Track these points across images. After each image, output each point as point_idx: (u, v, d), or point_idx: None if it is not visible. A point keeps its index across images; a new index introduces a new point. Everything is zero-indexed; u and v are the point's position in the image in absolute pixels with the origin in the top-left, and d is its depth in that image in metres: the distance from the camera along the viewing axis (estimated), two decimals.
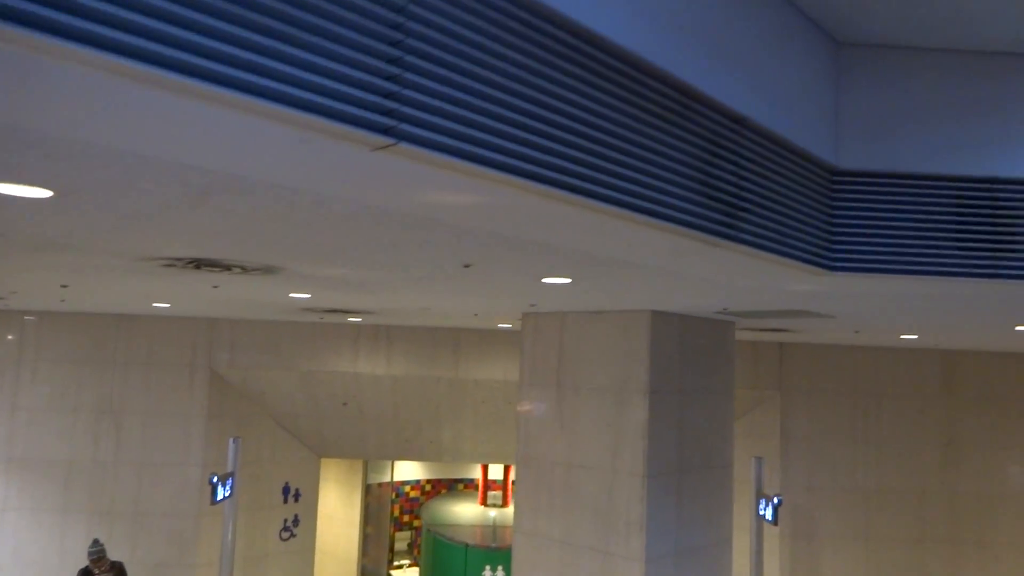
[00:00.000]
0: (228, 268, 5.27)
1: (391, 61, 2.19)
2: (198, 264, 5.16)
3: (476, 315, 9.38)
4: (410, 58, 2.22)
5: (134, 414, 11.98)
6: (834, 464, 12.22)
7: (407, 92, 2.21)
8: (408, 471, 16.33)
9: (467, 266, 4.69)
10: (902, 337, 9.70)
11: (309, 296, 7.45)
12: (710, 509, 7.91)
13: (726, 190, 3.60)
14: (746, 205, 3.73)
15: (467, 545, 12.54)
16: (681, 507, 7.55)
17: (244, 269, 5.30)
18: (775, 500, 10.41)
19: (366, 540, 15.29)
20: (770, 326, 8.79)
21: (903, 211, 4.49)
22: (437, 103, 2.28)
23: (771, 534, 11.86)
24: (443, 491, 16.65)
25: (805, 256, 4.25)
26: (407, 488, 16.26)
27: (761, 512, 10.62)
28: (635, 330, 7.41)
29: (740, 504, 12.05)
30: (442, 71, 2.29)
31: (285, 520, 12.96)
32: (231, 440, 10.22)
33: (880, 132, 4.54)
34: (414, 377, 12.14)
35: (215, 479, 10.01)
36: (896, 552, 12.12)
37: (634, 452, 7.32)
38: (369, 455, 13.61)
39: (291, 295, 7.36)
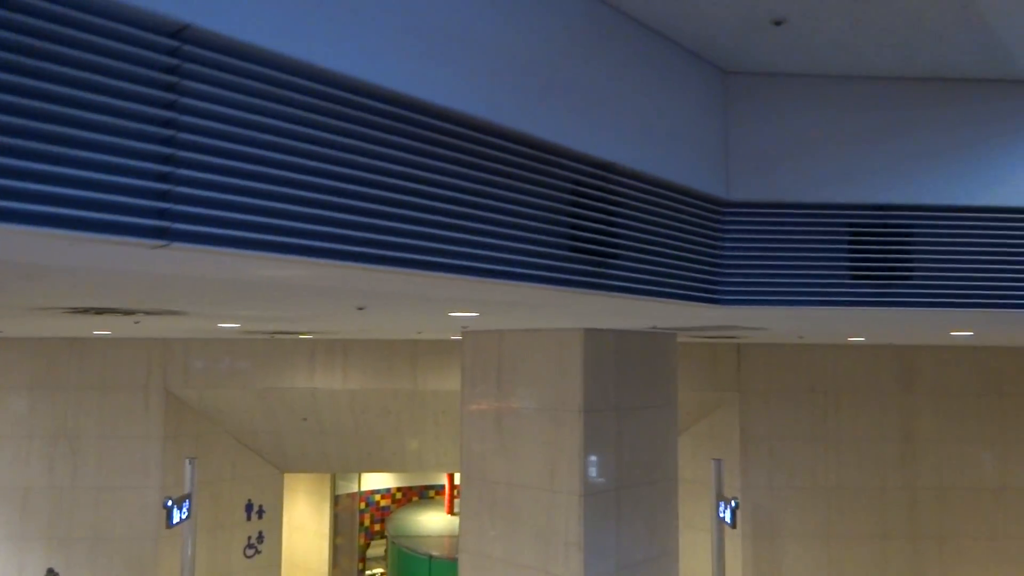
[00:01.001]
0: (130, 313, 5.21)
1: (163, 160, 2.13)
2: (98, 311, 5.09)
3: (419, 332, 9.33)
4: (184, 153, 2.16)
5: (90, 438, 11.90)
6: (794, 463, 12.25)
7: (180, 189, 2.15)
8: (378, 480, 16.30)
9: (361, 308, 4.64)
10: (850, 339, 9.71)
11: (238, 325, 7.38)
12: (653, 523, 7.90)
13: (593, 239, 3.56)
14: (616, 251, 3.69)
15: (431, 556, 12.53)
16: (621, 524, 7.54)
17: (147, 313, 5.24)
18: (732, 503, 10.43)
19: (336, 550, 15.27)
20: (715, 334, 8.77)
21: (796, 241, 4.46)
22: (215, 195, 2.21)
23: (733, 534, 11.88)
24: (414, 498, 16.64)
25: (689, 293, 4.22)
26: (377, 497, 16.24)
27: (720, 515, 10.64)
28: (569, 349, 7.37)
29: (702, 506, 12.09)
30: (219, 161, 2.22)
31: (249, 537, 12.90)
32: (187, 461, 10.17)
33: (771, 162, 4.50)
34: (372, 391, 12.09)
35: (170, 503, 9.95)
36: (857, 549, 12.17)
37: (571, 471, 7.30)
38: (333, 468, 13.57)
39: (219, 325, 7.30)
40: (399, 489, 16.58)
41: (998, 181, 4.45)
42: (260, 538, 12.98)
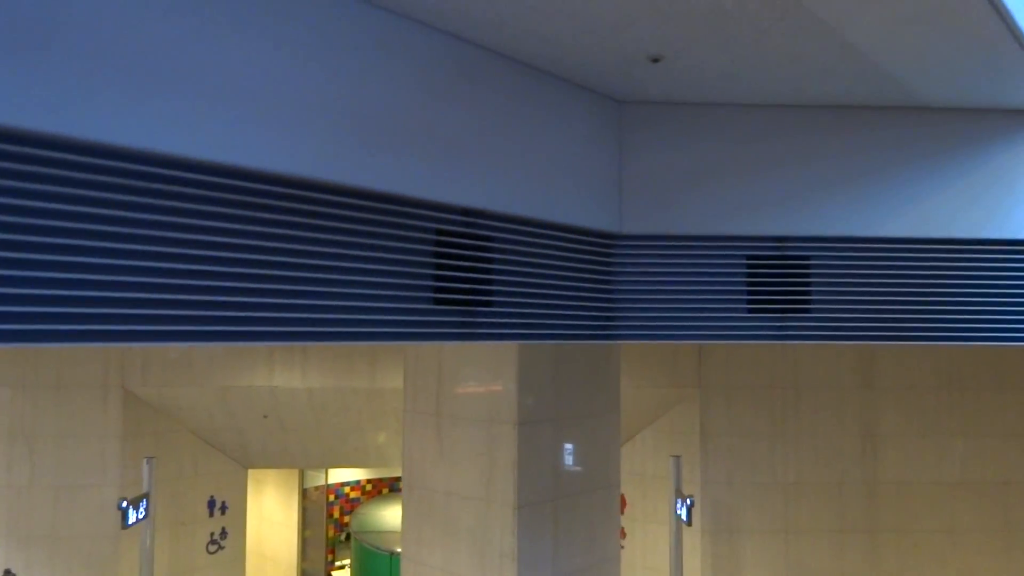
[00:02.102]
0: None
1: None
2: None
3: None
4: None
5: (47, 437, 11.88)
6: (754, 459, 12.28)
7: None
8: (347, 472, 16.34)
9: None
10: None
11: None
12: (592, 532, 7.92)
13: (459, 289, 3.49)
14: (489, 298, 3.63)
15: (392, 553, 12.59)
16: (559, 534, 7.55)
17: None
18: (688, 501, 10.47)
19: (305, 543, 15.35)
20: None
21: (692, 274, 4.40)
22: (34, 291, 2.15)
23: (692, 530, 11.95)
24: (384, 491, 16.70)
25: (578, 332, 4.16)
26: (347, 489, 16.29)
27: (678, 511, 10.69)
28: (504, 360, 7.33)
29: (664, 501, 12.13)
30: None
31: (212, 533, 12.96)
32: (145, 461, 10.19)
33: (667, 193, 4.42)
34: (331, 389, 12.07)
35: (124, 503, 9.96)
36: (816, 544, 12.25)
37: (505, 482, 7.30)
38: (296, 464, 13.59)
39: None
40: (369, 481, 16.63)
41: (894, 212, 4.38)
42: (223, 534, 13.03)
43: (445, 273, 3.43)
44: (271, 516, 15.41)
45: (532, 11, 3.19)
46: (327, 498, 15.83)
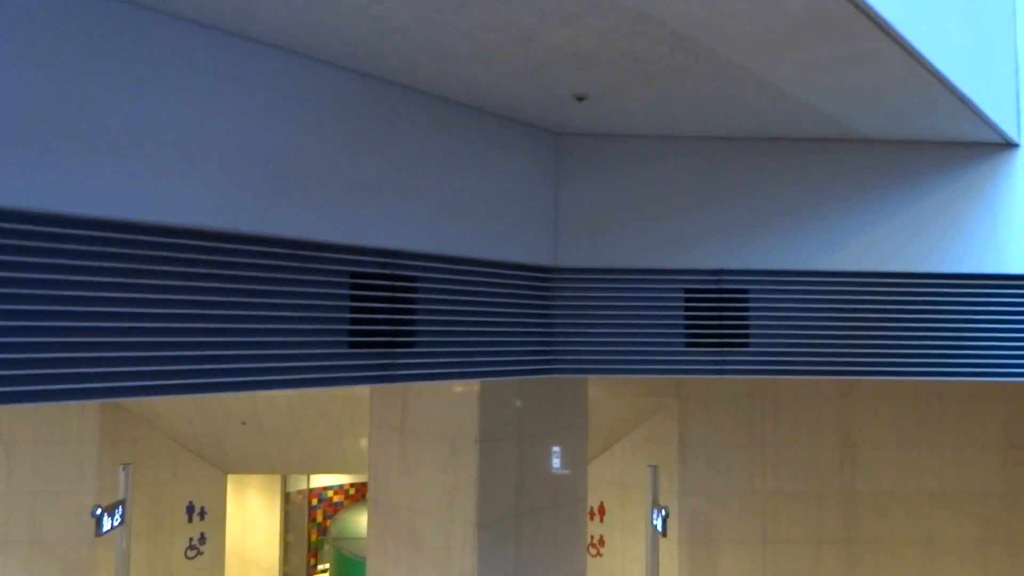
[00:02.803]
0: None
1: None
2: None
3: None
4: None
5: (25, 443, 11.90)
6: (732, 469, 12.26)
7: None
8: (331, 476, 16.34)
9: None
10: None
11: None
12: (557, 548, 7.90)
13: (377, 331, 3.47)
14: (410, 339, 3.60)
15: None
16: (521, 552, 7.53)
17: None
18: (663, 511, 10.46)
19: (287, 547, 15.37)
20: None
21: (630, 307, 4.36)
22: None
23: (670, 540, 11.93)
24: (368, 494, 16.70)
25: (511, 369, 4.13)
26: (330, 493, 16.31)
27: (654, 521, 10.67)
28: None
29: (642, 511, 12.12)
30: None
31: (191, 539, 12.97)
32: (121, 467, 10.20)
33: (604, 226, 4.38)
34: (309, 395, 12.06)
35: (99, 511, 9.96)
36: (794, 554, 12.24)
37: (467, 500, 7.29)
38: (276, 470, 13.59)
39: None
40: (352, 485, 16.64)
41: (834, 245, 4.35)
42: (202, 539, 13.04)
43: (361, 316, 3.40)
44: (254, 520, 15.42)
45: (446, 57, 3.16)
46: (310, 502, 15.84)
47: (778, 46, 2.97)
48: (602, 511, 13.40)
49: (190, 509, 12.91)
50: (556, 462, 7.93)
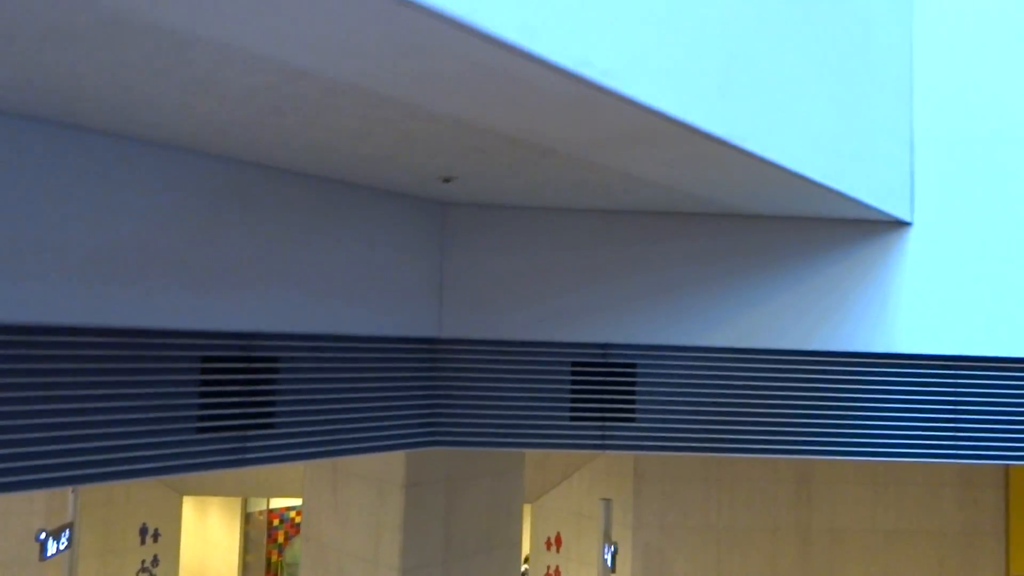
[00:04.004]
0: None
1: None
2: None
3: None
4: None
5: None
6: (687, 503, 12.21)
7: None
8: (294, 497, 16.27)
9: None
10: None
11: None
12: None
13: (230, 415, 3.43)
14: (267, 421, 3.56)
15: None
16: None
17: None
18: (612, 547, 10.39)
19: (246, 568, 15.27)
20: None
21: (516, 380, 4.32)
22: None
23: (623, 574, 11.87)
24: None
25: (389, 443, 4.09)
26: (292, 513, 16.22)
27: (605, 556, 10.59)
28: None
29: (596, 543, 12.08)
30: None
31: (143, 561, 12.87)
32: (70, 490, 10.11)
33: (490, 297, 4.34)
34: None
35: (43, 535, 9.88)
36: None
37: (391, 545, 7.22)
38: (232, 492, 13.52)
39: None
40: None
41: (721, 321, 4.31)
42: (155, 562, 12.95)
43: (211, 400, 3.36)
44: (214, 540, 15.33)
45: (297, 145, 3.12)
46: (270, 523, 15.75)
47: (613, 149, 2.94)
48: (559, 542, 13.34)
49: (143, 531, 12.81)
50: (489, 505, 7.87)
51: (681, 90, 2.51)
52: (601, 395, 4.31)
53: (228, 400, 3.42)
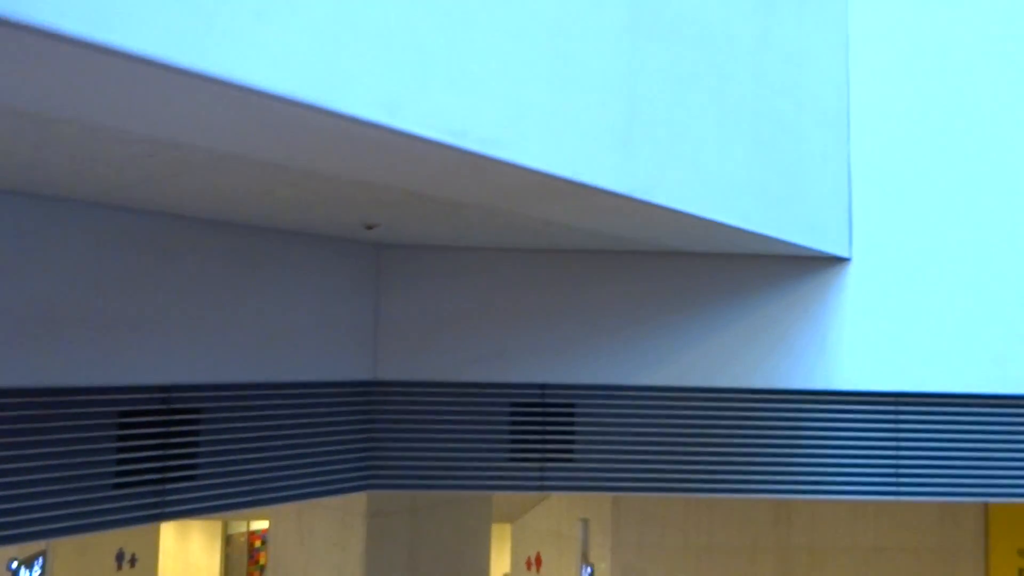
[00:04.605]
0: None
1: None
2: None
3: None
4: None
5: None
6: (665, 522, 12.14)
7: None
8: None
9: None
10: None
11: None
12: None
13: (149, 469, 3.39)
14: (190, 473, 3.52)
15: None
16: None
17: None
18: (588, 568, 10.36)
19: None
20: None
21: (454, 422, 4.29)
22: None
23: None
24: None
25: (321, 489, 4.06)
26: None
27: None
28: None
29: (575, 562, 12.01)
30: None
31: None
32: None
33: (428, 339, 4.32)
34: None
35: (14, 564, 9.83)
36: None
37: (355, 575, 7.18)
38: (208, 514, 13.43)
39: None
40: None
41: (660, 360, 4.28)
42: None
43: (128, 456, 3.32)
44: (194, 561, 15.24)
45: (210, 201, 3.10)
46: (251, 544, 15.67)
47: (522, 202, 2.92)
48: (539, 561, 13.26)
49: (120, 557, 12.72)
50: (455, 534, 7.82)
51: (574, 149, 2.49)
52: (540, 435, 4.28)
53: (146, 454, 3.39)
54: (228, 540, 15.31)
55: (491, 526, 8.27)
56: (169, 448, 3.46)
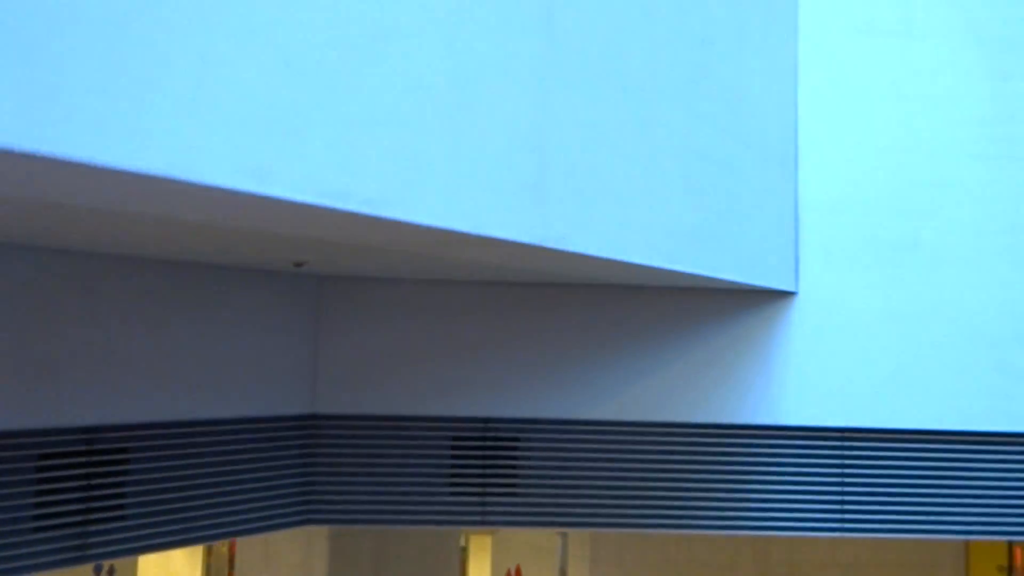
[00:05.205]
0: None
1: None
2: None
3: None
4: None
5: None
6: (644, 537, 12.08)
7: None
8: None
9: None
10: None
11: None
12: None
13: (71, 511, 3.35)
14: (116, 514, 3.48)
15: None
16: None
17: None
18: None
19: None
20: None
21: (395, 456, 4.25)
22: None
23: None
24: None
25: (256, 526, 4.02)
26: None
27: None
28: None
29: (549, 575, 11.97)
30: None
31: None
32: None
33: (369, 372, 4.28)
34: None
35: None
36: None
37: None
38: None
39: None
40: None
41: (604, 394, 4.24)
42: None
43: (48, 499, 3.28)
44: (176, 571, 15.18)
45: (128, 242, 3.06)
46: (232, 555, 15.60)
47: (437, 249, 2.88)
48: (519, 574, 13.21)
49: (98, 568, 12.66)
50: (422, 554, 7.77)
51: (475, 203, 2.44)
52: (482, 469, 4.23)
53: (67, 496, 3.34)
54: (209, 550, 15.24)
55: (458, 544, 8.21)
56: (92, 489, 3.41)
